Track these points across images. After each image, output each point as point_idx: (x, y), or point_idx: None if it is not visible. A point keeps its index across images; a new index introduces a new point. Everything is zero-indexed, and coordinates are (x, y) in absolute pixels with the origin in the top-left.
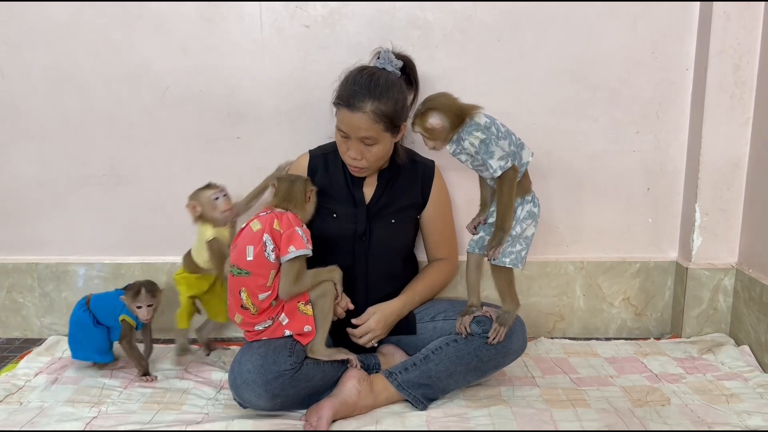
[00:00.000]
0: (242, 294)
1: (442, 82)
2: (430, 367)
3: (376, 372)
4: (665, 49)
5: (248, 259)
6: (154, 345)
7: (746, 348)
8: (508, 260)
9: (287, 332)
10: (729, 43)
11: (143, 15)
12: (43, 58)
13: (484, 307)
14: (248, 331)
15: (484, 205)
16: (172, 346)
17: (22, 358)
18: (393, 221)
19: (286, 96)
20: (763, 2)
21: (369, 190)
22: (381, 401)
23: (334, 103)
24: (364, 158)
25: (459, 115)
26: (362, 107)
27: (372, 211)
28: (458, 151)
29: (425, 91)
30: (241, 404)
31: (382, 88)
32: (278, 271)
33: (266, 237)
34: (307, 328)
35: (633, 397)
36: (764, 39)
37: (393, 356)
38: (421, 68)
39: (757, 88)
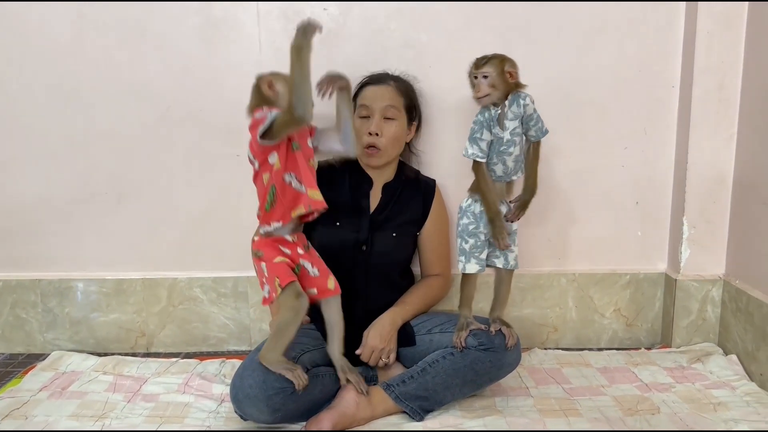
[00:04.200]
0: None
1: (436, 99)
2: (427, 380)
3: (375, 384)
4: (652, 67)
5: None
6: (158, 360)
7: (734, 357)
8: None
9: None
10: (713, 62)
11: (145, 35)
12: (47, 77)
13: (483, 325)
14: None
15: (499, 214)
16: (175, 360)
17: (26, 373)
18: (394, 234)
19: None
20: (745, 23)
21: (373, 202)
22: (379, 413)
23: (356, 91)
24: (383, 135)
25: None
26: (387, 82)
27: (375, 221)
28: (512, 115)
29: (424, 107)
30: (242, 417)
31: (401, 76)
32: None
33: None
34: (266, 290)
35: (624, 407)
36: (746, 58)
37: (391, 368)
38: (415, 85)
39: (740, 105)
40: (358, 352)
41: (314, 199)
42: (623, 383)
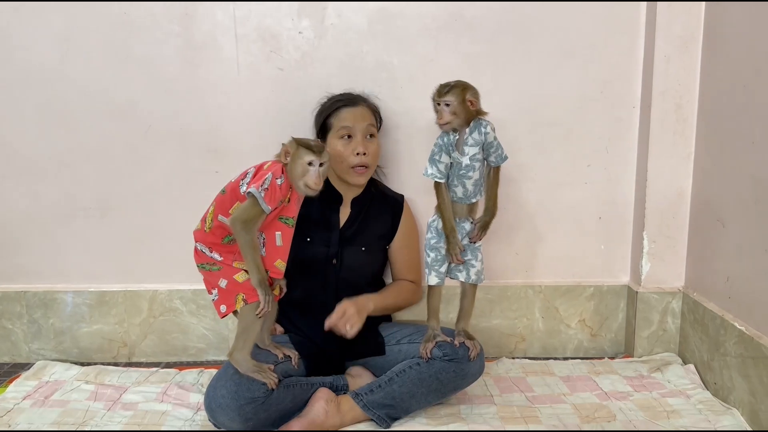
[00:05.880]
0: (210, 207)
1: (407, 119)
2: (393, 389)
3: (344, 393)
4: (613, 88)
5: (231, 181)
6: (139, 369)
7: (692, 367)
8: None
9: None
10: (670, 84)
11: (128, 58)
12: (34, 98)
13: (449, 338)
14: (195, 250)
15: (453, 231)
16: (155, 369)
17: (10, 382)
18: (363, 249)
19: (261, 133)
20: (700, 47)
21: (343, 217)
22: (348, 420)
23: (329, 113)
24: (368, 153)
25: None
26: (360, 103)
27: (344, 236)
28: (473, 141)
29: (392, 128)
30: (216, 425)
31: (368, 97)
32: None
33: (251, 169)
34: (222, 308)
35: (582, 414)
36: (702, 80)
37: (360, 378)
38: (388, 106)
39: (697, 125)
40: (328, 319)
41: (275, 266)
42: (584, 392)
